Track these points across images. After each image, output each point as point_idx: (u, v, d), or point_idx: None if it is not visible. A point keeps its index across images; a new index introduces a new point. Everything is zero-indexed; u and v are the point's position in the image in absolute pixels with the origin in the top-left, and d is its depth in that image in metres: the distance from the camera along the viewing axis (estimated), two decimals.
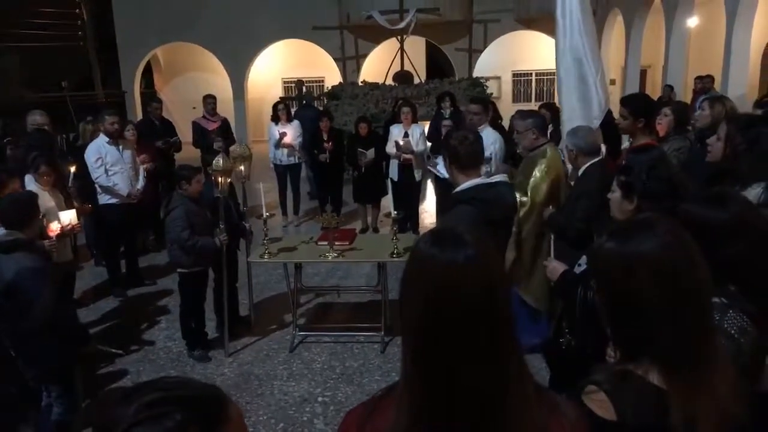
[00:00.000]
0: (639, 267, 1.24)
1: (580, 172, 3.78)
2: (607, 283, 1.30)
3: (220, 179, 4.54)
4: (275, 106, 8.39)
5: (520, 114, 4.43)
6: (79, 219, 4.72)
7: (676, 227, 1.33)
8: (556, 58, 4.64)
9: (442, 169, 4.03)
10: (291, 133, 8.16)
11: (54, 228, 4.30)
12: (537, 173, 4.17)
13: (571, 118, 4.51)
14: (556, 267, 2.66)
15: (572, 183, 4.66)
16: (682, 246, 1.27)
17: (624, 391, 1.21)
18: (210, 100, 8.61)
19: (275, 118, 8.29)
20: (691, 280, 1.24)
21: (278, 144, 8.16)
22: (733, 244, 1.62)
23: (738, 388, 1.24)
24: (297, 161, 8.43)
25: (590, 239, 2.81)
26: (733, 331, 1.52)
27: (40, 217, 3.71)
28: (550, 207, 4.09)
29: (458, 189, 2.95)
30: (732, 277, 1.61)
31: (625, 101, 4.07)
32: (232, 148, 5.59)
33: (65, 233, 4.49)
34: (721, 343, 1.37)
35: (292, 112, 8.84)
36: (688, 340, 1.22)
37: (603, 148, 4.27)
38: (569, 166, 4.48)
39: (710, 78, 9.94)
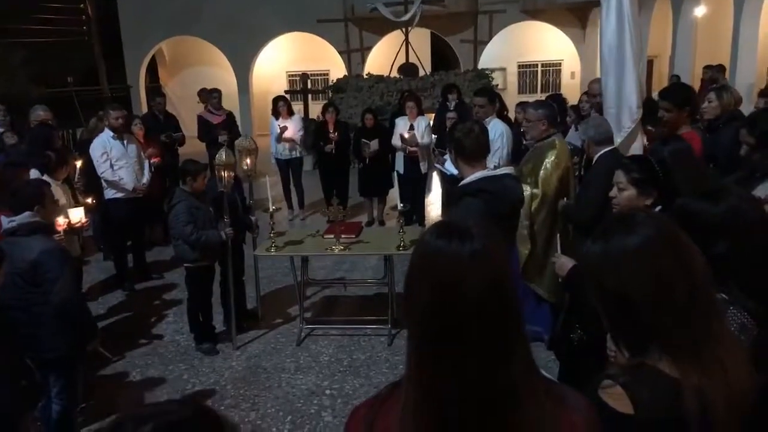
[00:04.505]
0: (626, 262, 1.25)
1: (594, 161, 3.78)
2: (599, 284, 1.30)
3: (223, 173, 4.53)
4: (275, 101, 8.37)
5: (533, 104, 4.39)
6: (86, 215, 4.73)
7: (659, 219, 1.33)
8: (601, 45, 4.44)
9: (449, 167, 4.01)
10: (292, 127, 8.15)
11: (61, 222, 4.32)
12: (548, 165, 4.14)
13: (612, 107, 4.30)
14: (564, 263, 2.65)
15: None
16: (667, 236, 1.26)
17: (639, 383, 1.21)
18: (215, 94, 8.60)
19: (276, 113, 8.28)
20: (681, 268, 1.23)
21: (279, 138, 8.16)
22: (726, 238, 1.61)
23: (747, 363, 1.24)
24: (298, 155, 8.42)
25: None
26: (733, 328, 1.50)
27: (57, 205, 3.76)
28: (565, 199, 4.08)
29: (464, 182, 2.94)
30: (729, 273, 1.60)
31: (664, 95, 3.96)
32: (237, 142, 5.58)
33: (74, 230, 4.51)
34: (726, 322, 1.36)
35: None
36: (689, 327, 1.22)
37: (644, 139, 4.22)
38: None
39: (720, 67, 9.84)
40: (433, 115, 8.47)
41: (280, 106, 8.22)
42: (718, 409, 1.17)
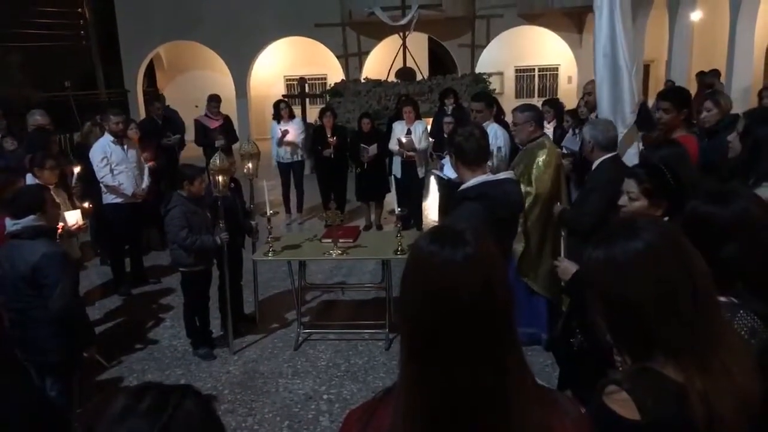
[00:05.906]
0: (629, 268, 1.24)
1: (594, 165, 3.76)
2: (601, 291, 1.29)
3: (218, 178, 4.52)
4: (276, 105, 8.38)
5: (519, 107, 4.46)
6: (84, 219, 4.72)
7: (662, 224, 1.32)
8: (595, 49, 4.44)
9: (448, 171, 4.01)
10: (293, 131, 8.16)
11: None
12: (540, 163, 4.19)
13: (606, 113, 4.26)
14: (567, 267, 2.63)
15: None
16: (670, 241, 1.26)
17: (644, 388, 1.19)
18: (214, 104, 8.57)
19: (277, 117, 8.29)
20: (684, 273, 1.23)
21: (280, 142, 8.16)
22: (736, 241, 1.59)
23: (754, 368, 1.23)
24: (300, 159, 8.43)
25: None
26: (743, 332, 1.49)
27: (59, 208, 3.75)
28: (559, 204, 4.09)
29: (465, 186, 2.94)
30: (739, 276, 1.59)
31: (665, 95, 4.00)
32: (237, 146, 5.58)
33: (71, 233, 4.49)
34: (732, 326, 1.34)
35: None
36: (693, 331, 1.21)
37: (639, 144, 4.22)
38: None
39: (715, 72, 9.86)
40: (431, 119, 8.49)
41: (282, 108, 8.23)
42: (724, 414, 1.16)
